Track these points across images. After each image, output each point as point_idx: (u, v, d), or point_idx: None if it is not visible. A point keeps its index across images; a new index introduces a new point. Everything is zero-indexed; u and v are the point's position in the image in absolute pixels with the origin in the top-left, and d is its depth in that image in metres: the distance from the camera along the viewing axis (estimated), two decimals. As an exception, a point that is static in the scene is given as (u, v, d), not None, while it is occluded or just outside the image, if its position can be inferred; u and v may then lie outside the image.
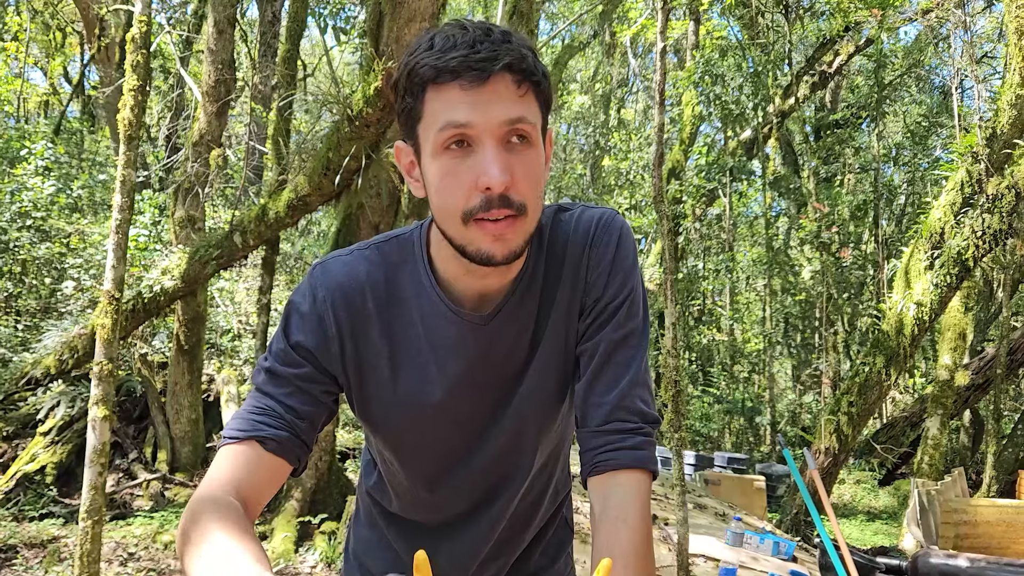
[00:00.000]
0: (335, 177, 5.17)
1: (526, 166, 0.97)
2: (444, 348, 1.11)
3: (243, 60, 11.60)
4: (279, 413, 1.05)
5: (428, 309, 1.10)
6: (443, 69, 0.92)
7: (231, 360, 8.47)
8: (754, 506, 8.03)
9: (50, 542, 5.09)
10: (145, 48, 4.34)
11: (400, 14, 5.18)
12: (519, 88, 0.95)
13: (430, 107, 0.96)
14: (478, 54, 0.92)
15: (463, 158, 0.95)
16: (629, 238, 1.15)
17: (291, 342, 1.08)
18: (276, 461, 1.03)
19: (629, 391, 1.09)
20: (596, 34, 15.59)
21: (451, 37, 0.94)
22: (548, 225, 1.14)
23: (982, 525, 6.88)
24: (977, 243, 6.73)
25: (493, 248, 0.97)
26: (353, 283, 1.10)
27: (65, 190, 8.78)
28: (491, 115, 0.93)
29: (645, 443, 1.08)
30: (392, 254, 1.13)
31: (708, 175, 12.58)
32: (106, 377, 4.00)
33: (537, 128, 0.98)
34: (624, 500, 1.04)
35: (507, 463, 1.21)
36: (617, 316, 1.12)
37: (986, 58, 13.80)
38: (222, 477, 0.99)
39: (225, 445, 1.04)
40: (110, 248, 4.12)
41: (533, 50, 0.98)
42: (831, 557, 4.06)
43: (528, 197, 0.97)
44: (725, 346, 15.18)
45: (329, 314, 1.08)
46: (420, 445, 1.18)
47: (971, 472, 11.09)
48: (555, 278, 1.13)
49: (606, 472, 1.07)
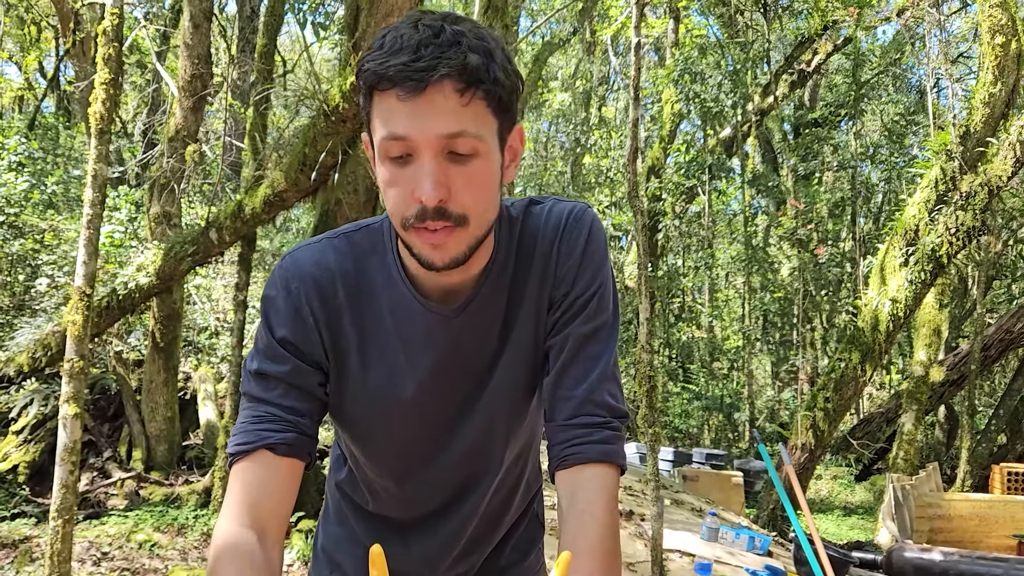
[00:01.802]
0: (312, 173, 5.14)
1: (467, 177, 0.94)
2: (414, 341, 1.11)
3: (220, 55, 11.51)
4: (280, 416, 1.04)
5: (397, 301, 1.09)
6: (383, 76, 0.91)
7: (208, 358, 8.40)
8: (732, 502, 8.08)
9: (22, 542, 5.03)
10: (117, 41, 4.29)
11: (377, 9, 5.16)
12: (462, 97, 0.91)
13: (376, 111, 0.95)
14: (418, 61, 0.89)
15: (404, 167, 0.94)
16: (600, 232, 1.14)
17: (276, 337, 1.07)
18: (290, 463, 1.04)
19: (598, 385, 1.09)
20: (576, 31, 15.59)
21: (399, 39, 0.91)
22: (519, 218, 1.14)
23: (956, 519, 6.98)
24: (951, 240, 6.81)
25: (432, 255, 0.97)
26: (324, 272, 1.09)
27: (39, 186, 8.67)
28: (427, 128, 0.91)
29: (613, 437, 1.08)
30: (362, 244, 1.12)
31: (688, 173, 12.63)
32: (77, 374, 3.96)
33: (486, 134, 0.95)
34: (591, 494, 1.04)
35: (477, 459, 1.21)
36: (587, 310, 1.11)
37: (961, 58, 13.95)
38: (240, 506, 0.99)
39: (235, 463, 1.03)
40: (81, 244, 4.07)
41: (490, 50, 0.94)
42: (805, 551, 4.09)
43: (470, 207, 0.96)
44: (704, 343, 15.26)
45: (304, 304, 1.07)
46: (389, 439, 1.18)
47: (946, 467, 11.23)
48: (525, 271, 1.12)
49: (574, 466, 1.06)
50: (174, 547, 5.29)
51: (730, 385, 14.61)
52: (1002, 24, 6.50)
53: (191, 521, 5.67)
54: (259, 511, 0.99)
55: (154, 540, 5.29)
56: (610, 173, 14.96)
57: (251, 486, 1.01)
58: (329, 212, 5.59)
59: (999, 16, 6.52)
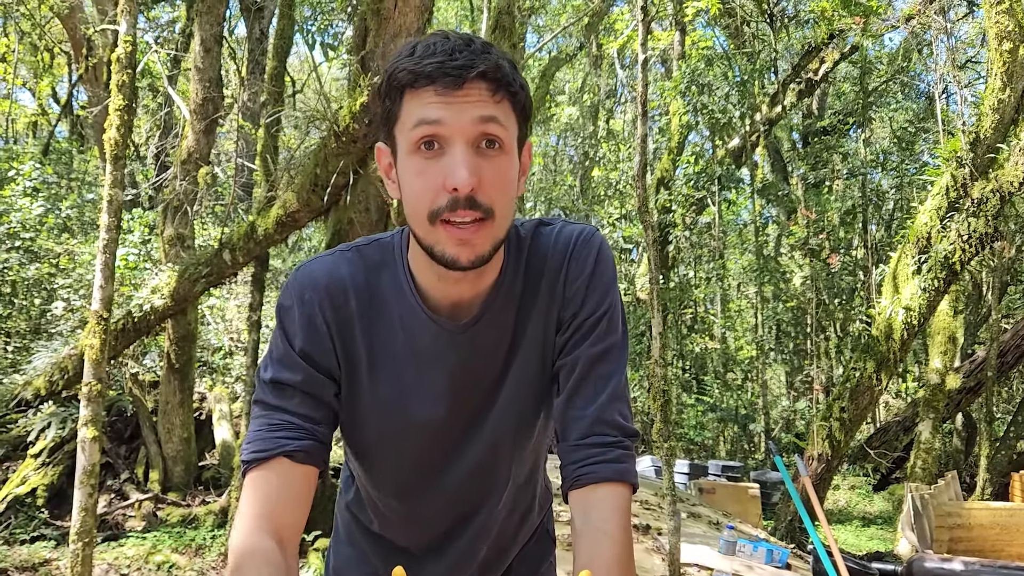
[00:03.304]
0: (323, 193, 5.18)
1: (496, 170, 0.98)
2: (423, 355, 1.12)
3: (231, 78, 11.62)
4: (296, 424, 1.05)
5: (407, 314, 1.11)
6: (420, 74, 0.95)
7: (222, 378, 8.44)
8: (749, 514, 8.02)
9: (42, 565, 5.06)
10: (131, 68, 4.35)
11: (386, 30, 5.21)
12: (494, 96, 0.97)
13: (406, 108, 0.98)
14: (455, 61, 0.94)
15: (434, 159, 0.97)
16: (608, 255, 1.16)
17: (291, 345, 1.08)
18: (307, 471, 1.05)
19: (608, 405, 1.10)
20: (583, 46, 15.67)
21: (431, 45, 0.96)
22: (528, 238, 1.15)
23: (976, 528, 6.90)
24: (964, 247, 6.77)
25: (459, 252, 0.98)
26: (336, 283, 1.10)
27: (54, 210, 8.77)
28: (463, 115, 0.95)
29: (624, 456, 1.10)
30: (373, 257, 1.13)
31: (697, 184, 12.63)
32: (95, 398, 3.99)
33: (511, 134, 1.00)
34: (605, 513, 1.05)
35: (482, 478, 1.21)
36: (596, 331, 1.12)
37: (969, 63, 13.92)
38: (258, 515, 1.00)
39: (251, 470, 1.04)
40: (98, 268, 4.12)
41: (512, 64, 1.00)
42: (824, 563, 4.07)
43: (496, 201, 0.98)
44: (718, 354, 15.20)
45: (317, 313, 1.09)
46: (395, 453, 1.18)
47: (964, 475, 11.11)
48: (533, 291, 1.14)
49: (587, 485, 1.07)
50: (192, 568, 5.31)
51: (744, 396, 14.54)
52: (1009, 30, 6.49)
53: (209, 541, 5.68)
54: (277, 519, 1.00)
55: (172, 561, 5.31)
56: (619, 186, 14.98)
57: (268, 494, 1.01)
58: (341, 231, 5.62)
59: (1006, 22, 6.51)
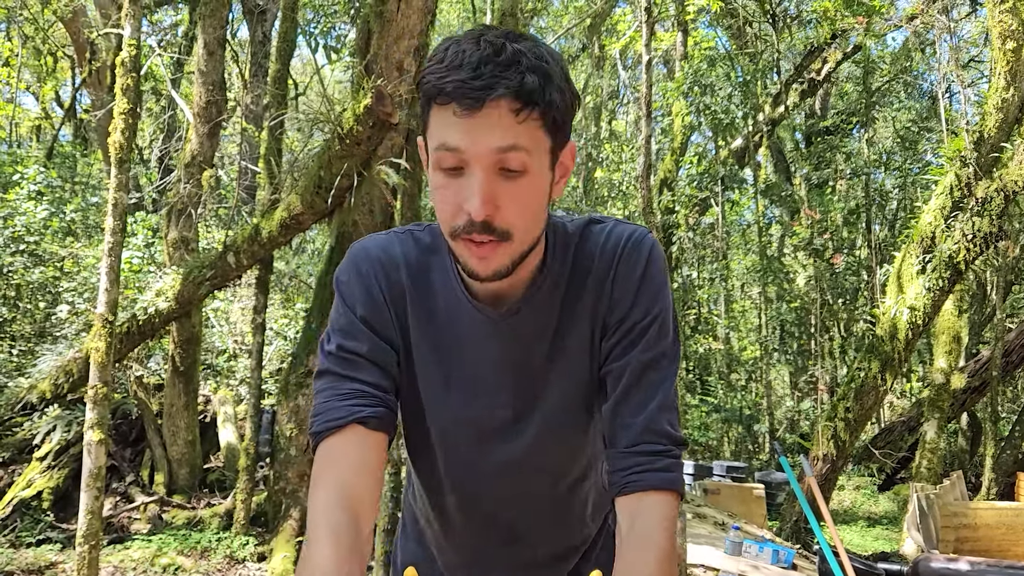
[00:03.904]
0: (327, 195, 5.19)
1: (515, 195, 0.97)
2: (464, 341, 1.14)
3: (234, 80, 11.64)
4: (366, 391, 1.06)
5: (451, 299, 1.13)
6: (441, 90, 0.94)
7: (227, 380, 8.44)
8: (754, 514, 8.01)
9: (47, 568, 5.06)
10: (135, 71, 4.36)
11: (389, 32, 5.22)
12: (517, 116, 0.94)
13: (432, 121, 0.98)
14: (477, 79, 0.92)
15: (455, 178, 0.97)
16: (659, 258, 1.14)
17: (354, 313, 1.11)
18: (380, 438, 1.05)
19: (657, 414, 1.09)
20: (585, 47, 15.67)
21: (460, 54, 0.94)
22: (577, 235, 1.15)
23: (982, 528, 6.89)
24: (968, 246, 6.76)
25: (478, 266, 1.00)
26: (390, 259, 1.14)
27: (58, 214, 8.78)
28: (481, 142, 0.94)
29: (674, 465, 1.09)
30: (424, 240, 1.16)
31: (700, 184, 12.63)
32: (101, 401, 4.00)
33: (536, 154, 0.98)
34: (652, 520, 1.05)
35: (522, 476, 1.22)
36: (646, 337, 1.11)
37: (972, 62, 13.90)
38: (335, 486, 1.00)
39: (324, 440, 1.04)
40: (103, 271, 4.13)
41: (547, 71, 0.96)
42: (830, 564, 4.06)
43: (515, 225, 0.98)
44: (722, 354, 15.18)
45: (374, 283, 1.12)
46: (435, 441, 1.19)
47: (970, 475, 11.08)
48: (578, 289, 1.13)
49: (636, 492, 1.07)
50: (198, 570, 5.31)
51: (748, 396, 14.52)
52: (1013, 29, 6.49)
53: (214, 544, 5.69)
54: (353, 490, 0.99)
55: (178, 564, 5.32)
56: (622, 186, 14.98)
57: (344, 464, 1.02)
58: (345, 234, 5.63)
59: (1009, 21, 6.51)
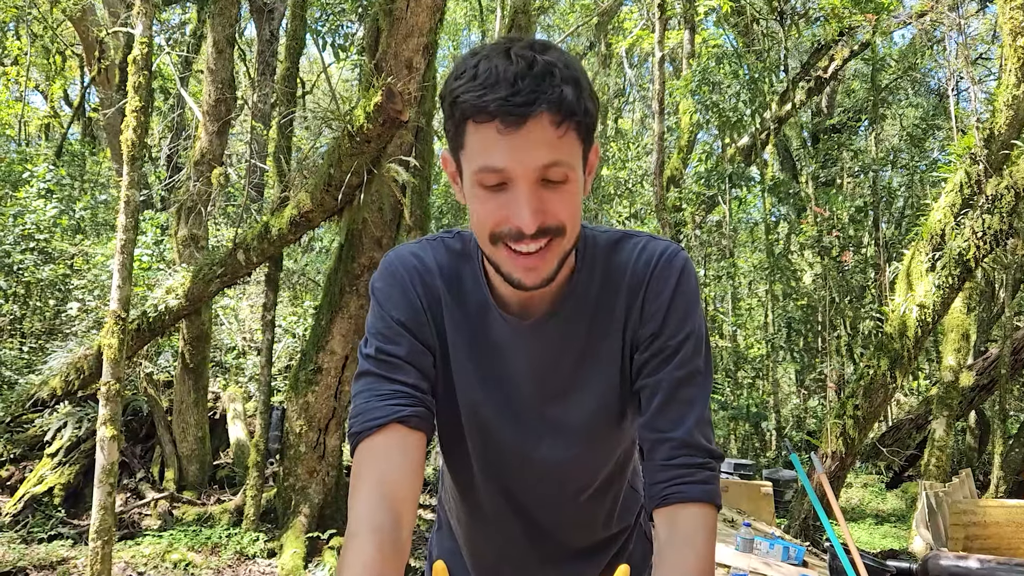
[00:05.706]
0: (337, 193, 5.20)
1: (560, 199, 0.99)
2: (493, 348, 1.15)
3: (242, 79, 11.66)
4: (406, 392, 1.08)
5: (481, 307, 1.14)
6: (482, 109, 0.93)
7: (236, 378, 8.47)
8: (762, 512, 8.00)
9: (59, 563, 5.09)
10: (146, 69, 4.38)
11: (398, 30, 5.22)
12: (558, 129, 0.95)
13: (470, 140, 0.98)
14: (516, 96, 0.92)
15: (499, 193, 0.98)
16: (691, 276, 1.15)
17: (392, 318, 1.12)
18: (420, 438, 1.07)
19: (695, 428, 1.11)
20: (592, 45, 15.65)
21: (493, 70, 0.93)
22: (608, 248, 1.16)
23: (991, 526, 6.87)
24: (978, 244, 6.74)
25: (524, 276, 1.01)
26: (425, 265, 1.16)
27: (68, 212, 8.82)
28: (527, 161, 0.94)
29: (712, 478, 1.11)
30: (455, 247, 1.18)
31: (707, 182, 12.61)
32: (113, 397, 4.02)
33: (576, 162, 0.99)
34: (692, 530, 1.07)
35: (556, 485, 1.23)
36: (680, 354, 1.12)
37: (981, 59, 13.85)
38: (375, 486, 1.00)
39: (364, 439, 1.05)
40: (115, 268, 4.15)
41: (578, 80, 0.97)
42: (841, 560, 4.06)
43: (566, 221, 1.00)
44: (728, 352, 15.17)
45: (411, 287, 1.14)
46: (465, 442, 1.20)
47: (978, 473, 11.06)
48: (609, 302, 1.14)
49: (675, 504, 1.09)
50: (208, 566, 5.33)
51: (755, 394, 14.50)
52: (1023, 26, 6.46)
53: (224, 540, 5.71)
54: (394, 490, 1.00)
55: (188, 559, 5.34)
56: (628, 184, 14.97)
57: (385, 464, 1.03)
58: (355, 232, 5.64)
59: (1020, 17, 6.48)
